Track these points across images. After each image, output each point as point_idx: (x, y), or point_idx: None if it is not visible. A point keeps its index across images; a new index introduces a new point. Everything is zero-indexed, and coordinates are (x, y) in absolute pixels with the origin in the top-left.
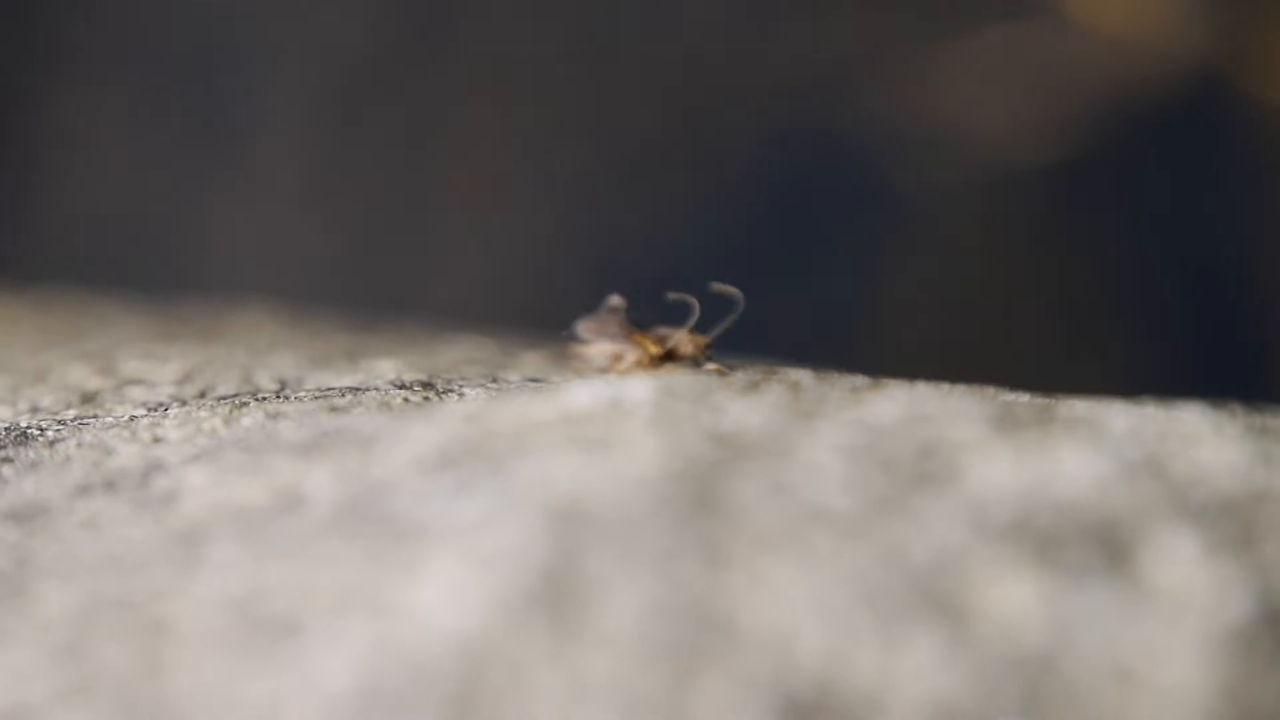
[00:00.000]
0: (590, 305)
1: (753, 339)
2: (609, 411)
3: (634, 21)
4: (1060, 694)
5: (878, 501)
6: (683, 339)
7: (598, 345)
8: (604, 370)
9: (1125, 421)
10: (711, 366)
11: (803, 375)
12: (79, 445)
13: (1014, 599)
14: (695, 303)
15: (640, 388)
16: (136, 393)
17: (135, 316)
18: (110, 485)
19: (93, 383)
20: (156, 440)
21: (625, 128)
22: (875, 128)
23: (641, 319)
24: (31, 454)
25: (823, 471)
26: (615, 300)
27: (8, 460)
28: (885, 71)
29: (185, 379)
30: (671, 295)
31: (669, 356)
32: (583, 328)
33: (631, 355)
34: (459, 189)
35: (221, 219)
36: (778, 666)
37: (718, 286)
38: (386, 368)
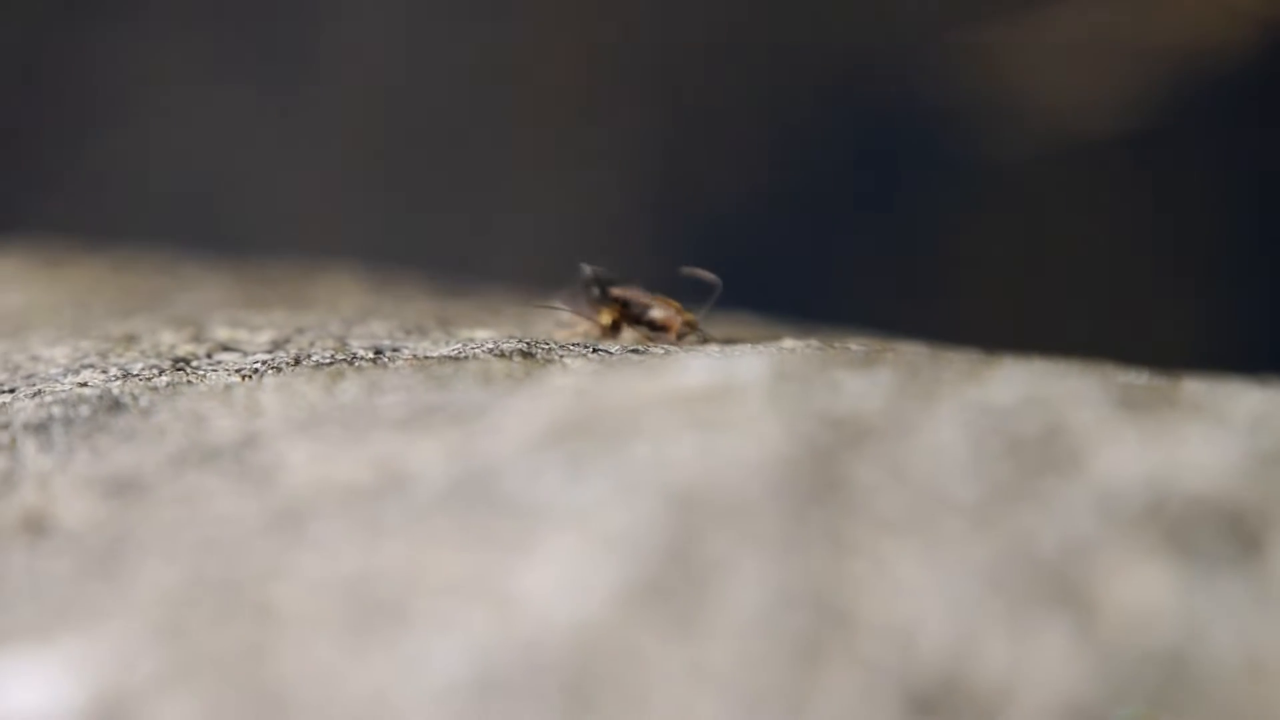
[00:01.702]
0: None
1: (827, 308)
2: (723, 389)
3: None
4: (1191, 688)
5: (1003, 487)
6: (668, 314)
7: (566, 313)
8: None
9: (1250, 405)
10: (695, 338)
11: (917, 351)
12: (174, 415)
13: (1144, 590)
14: (718, 281)
15: (753, 364)
16: (230, 359)
17: (218, 278)
18: (208, 458)
19: (184, 349)
20: (254, 411)
21: (695, 94)
22: (952, 97)
23: (640, 286)
24: (125, 424)
25: (945, 455)
26: (585, 270)
27: (101, 430)
28: (963, 40)
29: (279, 346)
30: (685, 270)
31: (636, 326)
32: (560, 298)
33: (581, 325)
34: (526, 149)
35: (290, 177)
36: (903, 657)
37: (690, 271)
38: (483, 337)
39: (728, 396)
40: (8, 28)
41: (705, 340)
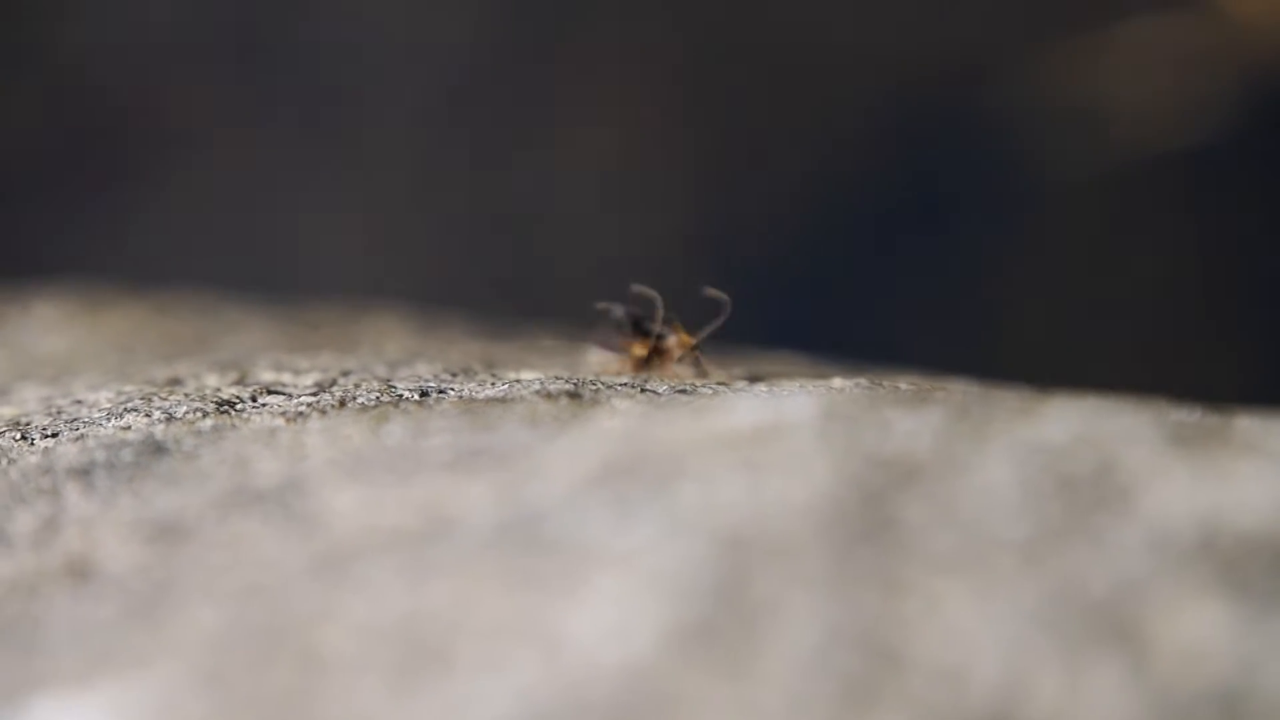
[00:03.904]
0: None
1: (875, 346)
2: (771, 429)
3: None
4: None
5: (1054, 525)
6: (671, 340)
7: (600, 354)
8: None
9: None
10: (699, 365)
11: (967, 389)
12: (218, 460)
13: (1197, 628)
14: (727, 300)
15: (802, 403)
16: (274, 402)
17: (262, 321)
18: (252, 503)
19: (228, 392)
20: (298, 454)
21: (754, 111)
22: (1018, 111)
23: (665, 317)
24: (168, 467)
25: (996, 494)
26: (615, 309)
27: (144, 474)
28: (1030, 55)
29: (323, 388)
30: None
31: (659, 353)
32: (593, 339)
33: (619, 362)
34: (570, 183)
35: (333, 219)
36: (954, 697)
37: (710, 291)
38: (529, 378)
39: (776, 436)
40: (56, 71)
41: (700, 366)
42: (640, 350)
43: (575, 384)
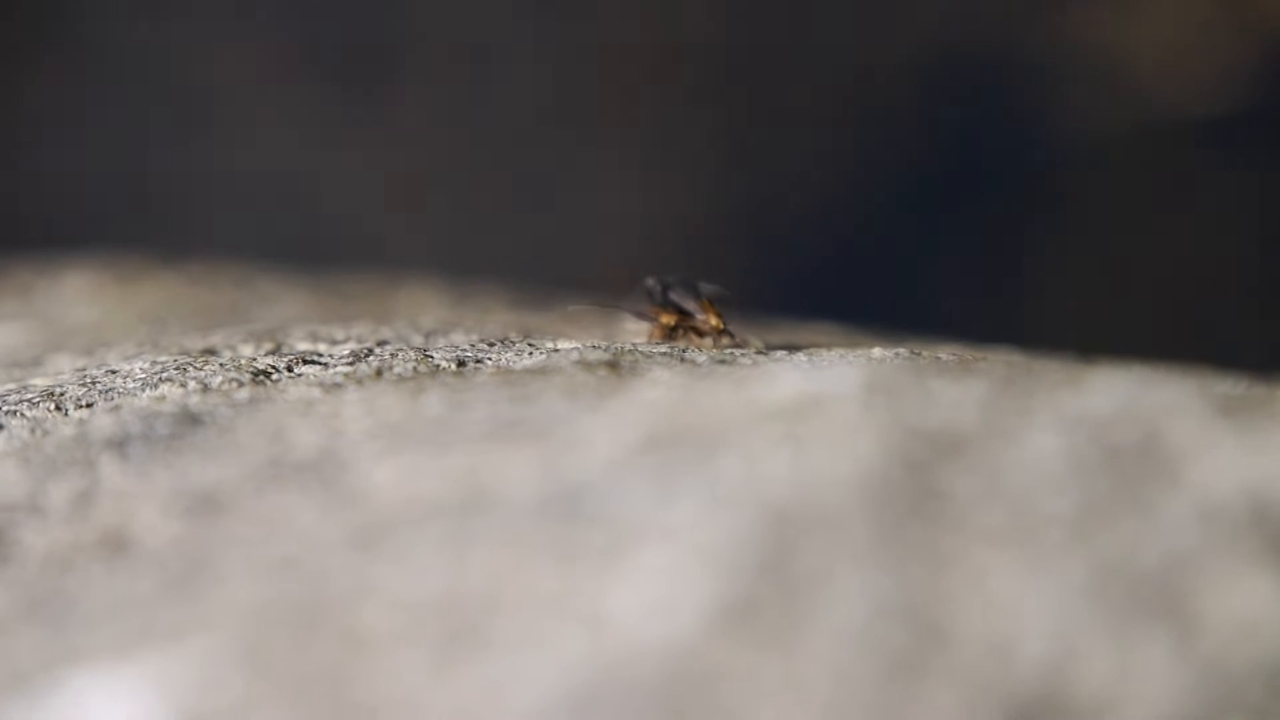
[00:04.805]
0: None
1: (908, 313)
2: (814, 400)
3: None
4: None
5: (1101, 498)
6: (701, 318)
7: (635, 322)
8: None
9: None
10: (727, 342)
11: (1009, 359)
12: (254, 430)
13: (1247, 601)
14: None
15: (844, 374)
16: (311, 373)
17: (295, 292)
18: (289, 476)
19: (264, 362)
20: (335, 428)
21: (789, 82)
22: (1049, 76)
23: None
24: (204, 439)
25: (1042, 466)
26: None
27: (180, 445)
28: (1057, 19)
29: (360, 358)
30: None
31: (688, 330)
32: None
33: (649, 331)
34: (608, 155)
35: (365, 189)
36: (1002, 671)
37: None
38: (567, 347)
39: (819, 408)
40: (84, 42)
41: (740, 345)
42: (668, 320)
43: (614, 354)
